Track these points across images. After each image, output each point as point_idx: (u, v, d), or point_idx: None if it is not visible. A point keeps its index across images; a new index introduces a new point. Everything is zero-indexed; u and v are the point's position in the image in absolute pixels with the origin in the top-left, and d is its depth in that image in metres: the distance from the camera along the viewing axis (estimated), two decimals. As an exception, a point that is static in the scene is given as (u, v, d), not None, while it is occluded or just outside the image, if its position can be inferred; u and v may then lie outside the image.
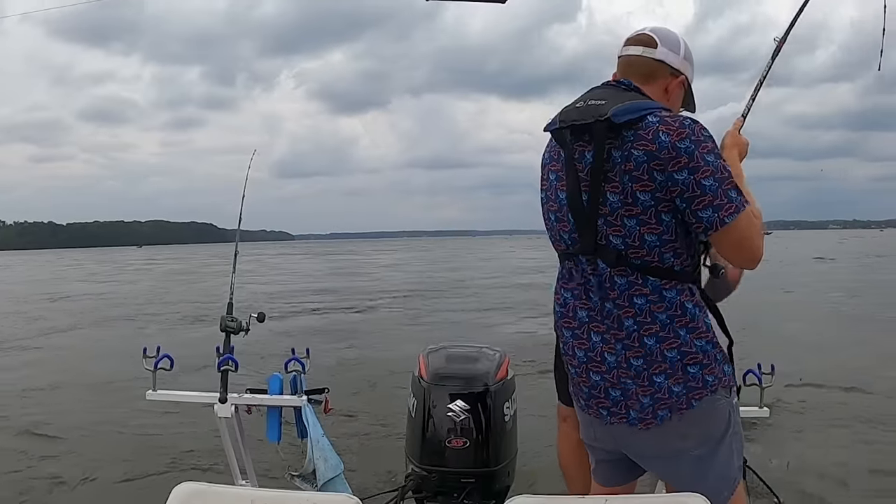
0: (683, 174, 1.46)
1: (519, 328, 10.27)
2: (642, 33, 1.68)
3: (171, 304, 15.08)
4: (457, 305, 13.96)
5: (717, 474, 1.63)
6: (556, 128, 1.62)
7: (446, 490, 2.40)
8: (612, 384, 1.60)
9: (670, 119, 1.49)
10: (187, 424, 4.85)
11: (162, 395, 2.74)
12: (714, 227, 1.48)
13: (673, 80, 1.67)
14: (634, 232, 1.51)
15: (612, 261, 1.55)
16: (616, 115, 1.49)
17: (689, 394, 1.54)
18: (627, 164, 1.49)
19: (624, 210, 1.51)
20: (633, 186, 1.49)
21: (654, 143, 1.47)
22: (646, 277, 1.53)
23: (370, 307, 14.09)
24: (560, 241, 1.67)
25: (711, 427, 1.60)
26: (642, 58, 1.66)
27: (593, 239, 1.56)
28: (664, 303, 1.53)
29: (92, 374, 7.69)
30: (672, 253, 1.53)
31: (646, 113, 1.50)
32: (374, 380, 6.69)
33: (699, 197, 1.46)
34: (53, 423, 5.46)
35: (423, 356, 2.57)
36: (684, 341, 1.53)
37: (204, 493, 1.40)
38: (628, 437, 1.64)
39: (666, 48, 1.66)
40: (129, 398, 5.93)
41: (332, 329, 10.93)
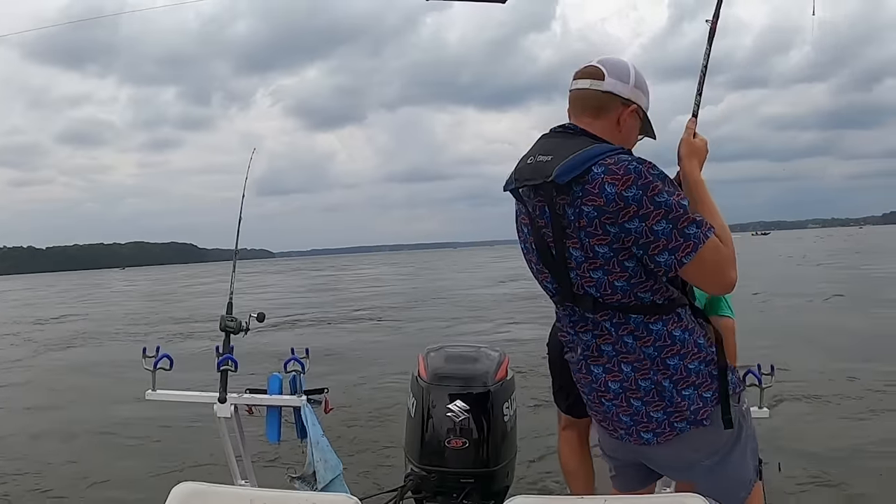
0: (635, 223, 1.45)
1: (515, 330, 10.32)
2: (590, 65, 1.64)
3: (165, 324, 15.03)
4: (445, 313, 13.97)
5: (732, 478, 1.66)
6: (513, 188, 1.63)
7: (446, 490, 2.39)
8: (623, 409, 1.62)
9: (615, 167, 1.46)
10: (187, 424, 4.85)
11: (161, 394, 2.74)
12: (672, 268, 1.47)
13: (625, 110, 1.61)
14: (603, 281, 1.53)
15: (591, 307, 1.57)
16: (560, 175, 1.47)
17: (697, 416, 1.56)
18: (581, 221, 1.49)
19: (588, 263, 1.52)
20: (589, 241, 1.50)
21: (602, 197, 1.45)
22: (628, 316, 1.55)
23: (359, 318, 14.01)
24: (547, 289, 1.69)
25: (719, 439, 1.61)
26: (590, 91, 1.61)
27: (570, 289, 1.58)
28: (651, 336, 1.55)
29: (91, 377, 7.71)
30: (648, 291, 1.53)
31: (591, 164, 1.47)
32: (373, 380, 6.70)
33: (653, 243, 1.45)
34: (53, 423, 5.47)
35: (423, 356, 2.57)
36: (676, 369, 1.55)
37: (203, 493, 1.40)
38: (645, 451, 1.66)
39: (614, 78, 1.61)
40: (128, 398, 5.94)
41: (327, 337, 10.92)
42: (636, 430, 1.62)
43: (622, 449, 1.74)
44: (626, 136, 1.63)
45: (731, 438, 1.63)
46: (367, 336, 11.03)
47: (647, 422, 1.59)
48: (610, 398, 1.63)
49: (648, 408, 1.58)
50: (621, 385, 1.60)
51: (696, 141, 1.72)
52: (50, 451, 4.68)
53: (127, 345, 10.43)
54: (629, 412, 1.61)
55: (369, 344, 9.92)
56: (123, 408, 5.76)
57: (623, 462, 1.80)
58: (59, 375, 7.99)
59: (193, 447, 4.50)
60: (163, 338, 11.12)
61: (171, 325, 13.57)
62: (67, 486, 3.97)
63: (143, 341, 8.18)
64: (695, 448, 1.60)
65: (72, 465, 4.38)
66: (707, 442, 1.60)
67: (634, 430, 1.62)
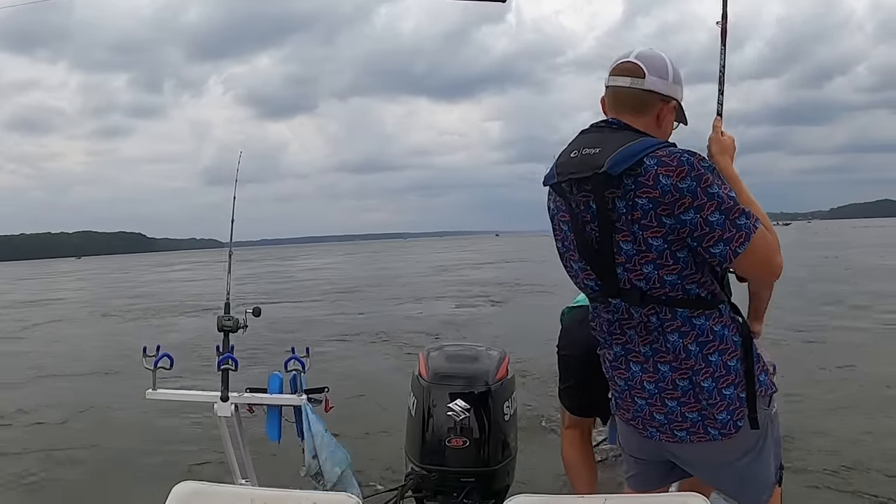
0: (690, 214, 1.46)
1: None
2: (628, 62, 1.62)
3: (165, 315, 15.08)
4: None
5: (758, 480, 1.67)
6: (556, 182, 1.61)
7: (446, 489, 2.40)
8: (657, 408, 1.63)
9: (668, 159, 1.47)
10: (187, 423, 4.85)
11: (162, 394, 2.74)
12: (728, 259, 1.49)
13: (664, 106, 1.63)
14: (653, 276, 1.53)
15: (638, 301, 1.57)
16: (612, 167, 1.48)
17: (733, 417, 1.57)
18: (634, 214, 1.49)
19: (639, 257, 1.52)
20: (643, 234, 1.50)
21: (657, 189, 1.46)
22: (674, 310, 1.55)
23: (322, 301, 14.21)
24: (586, 288, 1.69)
25: (749, 440, 1.62)
26: (631, 89, 1.61)
27: (616, 285, 1.58)
28: (695, 331, 1.55)
29: (91, 376, 7.70)
30: (696, 284, 1.55)
31: (643, 156, 1.48)
32: (373, 380, 6.71)
33: (708, 234, 1.47)
34: (52, 424, 5.47)
35: (424, 356, 2.57)
36: (716, 367, 1.56)
37: (204, 493, 1.40)
38: (673, 448, 1.67)
39: (654, 76, 1.60)
40: (128, 398, 5.94)
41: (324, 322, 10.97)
42: (670, 429, 1.62)
43: (649, 447, 1.74)
44: (664, 131, 1.65)
45: (761, 440, 1.64)
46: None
47: (681, 421, 1.60)
48: (645, 397, 1.64)
49: (684, 408, 1.59)
50: (657, 385, 1.61)
51: (725, 138, 1.75)
52: (50, 451, 4.67)
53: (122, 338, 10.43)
54: (663, 411, 1.62)
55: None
56: (123, 407, 5.76)
57: (646, 461, 1.80)
58: (57, 371, 7.97)
59: (194, 446, 4.50)
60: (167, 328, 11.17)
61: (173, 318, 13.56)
62: (68, 486, 3.97)
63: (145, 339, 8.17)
64: (727, 450, 1.61)
65: (72, 464, 4.38)
66: (739, 443, 1.61)
67: (668, 427, 1.62)
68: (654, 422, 1.65)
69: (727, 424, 1.57)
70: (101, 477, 4.09)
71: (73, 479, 4.07)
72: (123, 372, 7.08)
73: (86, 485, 3.97)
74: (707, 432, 1.58)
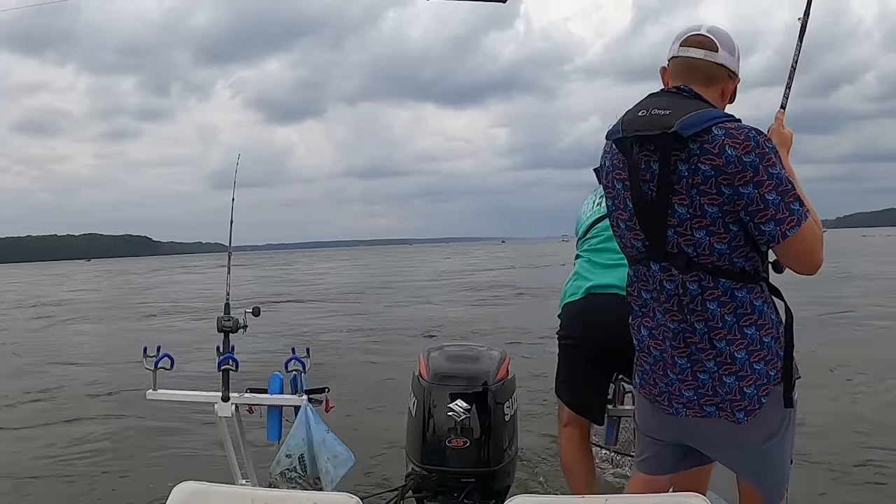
0: (749, 188, 1.48)
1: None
2: (700, 35, 1.64)
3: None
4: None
5: (778, 468, 1.68)
6: (620, 136, 1.62)
7: (446, 490, 2.39)
8: (688, 384, 1.63)
9: (736, 132, 1.50)
10: (187, 424, 4.85)
11: (162, 394, 2.74)
12: (776, 239, 1.51)
13: (730, 83, 1.68)
14: (704, 242, 1.54)
15: (683, 267, 1.58)
16: (683, 128, 1.49)
17: (759, 392, 1.58)
18: (695, 178, 1.51)
19: (693, 221, 1.54)
20: (700, 199, 1.51)
21: (721, 158, 1.48)
22: (717, 280, 1.57)
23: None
24: (631, 248, 1.70)
25: (774, 421, 1.64)
26: (704, 62, 1.63)
27: (664, 247, 1.59)
28: (734, 303, 1.57)
29: (92, 375, 7.70)
30: (743, 257, 1.56)
31: (712, 124, 1.50)
32: (373, 379, 6.71)
33: (762, 211, 1.49)
34: (52, 423, 5.47)
35: (424, 356, 2.57)
36: (751, 340, 1.57)
37: (204, 493, 1.40)
38: (697, 427, 1.68)
39: (726, 51, 1.64)
40: (128, 397, 5.95)
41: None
42: (699, 404, 1.63)
43: (669, 427, 1.74)
44: (725, 106, 1.68)
45: (784, 425, 1.65)
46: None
47: (711, 395, 1.61)
48: (676, 372, 1.64)
49: (715, 383, 1.59)
50: (689, 359, 1.62)
51: (785, 132, 1.78)
52: (51, 451, 4.67)
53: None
54: (693, 386, 1.62)
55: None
56: (123, 407, 5.76)
57: (663, 443, 1.80)
58: (69, 374, 7.97)
59: (194, 447, 4.50)
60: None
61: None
62: (68, 485, 3.97)
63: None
64: (751, 429, 1.62)
65: (72, 464, 4.38)
66: (763, 424, 1.62)
67: (697, 403, 1.63)
68: (683, 398, 1.65)
69: (753, 399, 1.58)
70: (102, 477, 4.08)
71: (72, 479, 4.06)
72: (126, 371, 7.09)
73: (86, 485, 3.97)
74: (734, 414, 1.59)
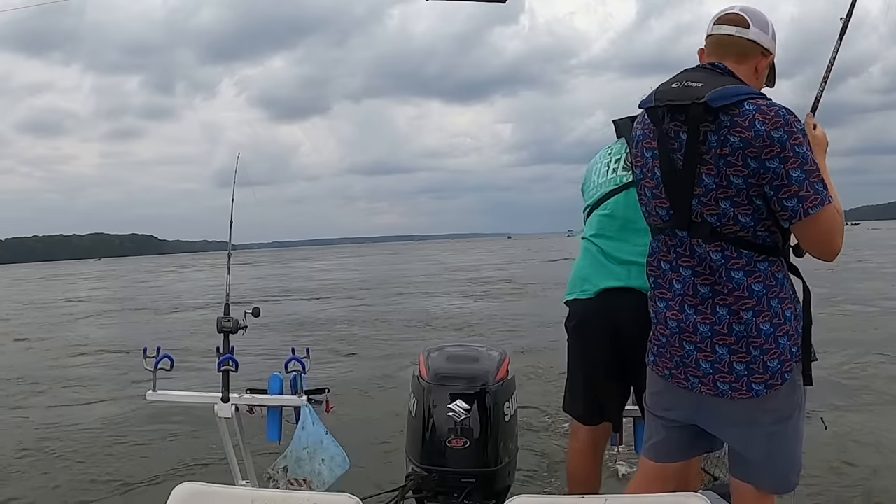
0: (775, 162, 1.51)
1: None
2: (733, 13, 1.69)
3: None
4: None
5: (788, 455, 1.67)
6: (652, 106, 1.66)
7: (446, 490, 2.39)
8: (706, 355, 1.64)
9: (766, 108, 1.53)
10: (187, 424, 4.85)
11: (162, 395, 2.74)
12: (798, 216, 1.53)
13: (763, 60, 1.70)
14: (729, 213, 1.57)
15: (707, 236, 1.60)
16: (713, 99, 1.53)
17: (782, 367, 1.59)
18: (723, 149, 1.54)
19: (719, 192, 1.56)
20: (727, 170, 1.54)
21: (751, 131, 1.51)
22: (740, 251, 1.59)
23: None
24: (655, 217, 1.72)
25: (790, 402, 1.64)
26: (736, 38, 1.67)
27: (688, 216, 1.61)
28: (759, 273, 1.59)
29: (92, 375, 7.70)
30: (766, 231, 1.59)
31: (742, 99, 1.54)
32: (374, 377, 6.71)
33: (786, 186, 1.51)
34: (52, 422, 5.47)
35: (424, 356, 2.57)
36: (776, 312, 1.59)
37: (204, 494, 1.40)
38: (710, 404, 1.67)
39: (758, 28, 1.68)
40: (129, 397, 5.95)
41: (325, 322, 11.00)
42: (713, 380, 1.63)
43: (683, 405, 1.73)
44: (759, 83, 1.71)
45: (796, 411, 1.65)
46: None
47: (727, 373, 1.61)
48: (696, 341, 1.64)
49: (733, 357, 1.60)
50: (711, 328, 1.62)
51: (817, 132, 1.78)
52: (51, 450, 4.67)
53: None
54: (711, 359, 1.62)
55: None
56: (124, 407, 5.76)
57: (673, 426, 1.79)
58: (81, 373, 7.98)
59: (194, 448, 4.50)
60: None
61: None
62: (68, 485, 3.96)
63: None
64: (764, 408, 1.62)
65: (72, 463, 4.38)
66: (778, 403, 1.62)
67: (712, 378, 1.63)
68: (699, 371, 1.65)
69: (776, 374, 1.58)
70: (101, 477, 4.08)
71: (73, 479, 4.06)
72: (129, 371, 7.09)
73: (85, 486, 3.97)
74: (750, 388, 1.59)
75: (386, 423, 4.70)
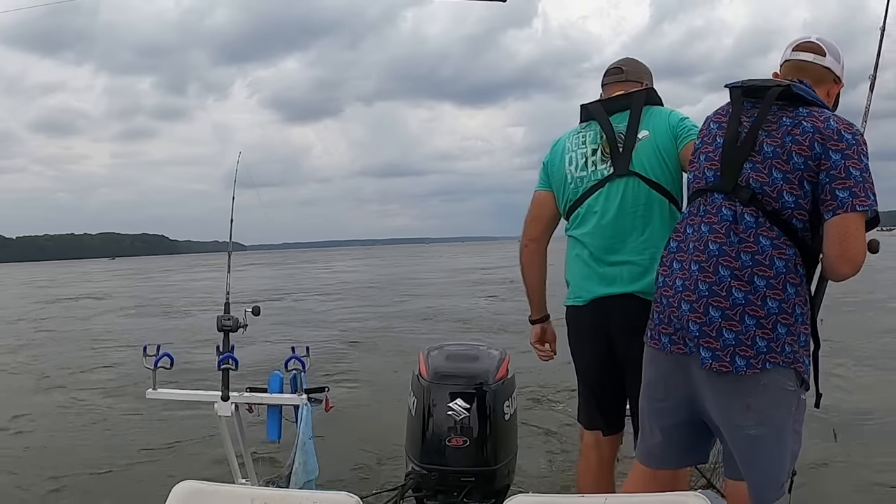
0: (838, 155, 1.58)
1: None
2: (810, 41, 1.81)
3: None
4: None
5: (765, 468, 1.65)
6: (736, 85, 1.76)
7: (446, 489, 2.39)
8: (697, 316, 1.64)
9: (842, 119, 1.65)
10: (187, 423, 4.85)
11: (162, 393, 2.74)
12: (846, 208, 1.56)
13: (835, 86, 1.82)
14: (777, 184, 1.61)
15: (746, 199, 1.64)
16: (796, 87, 1.66)
17: (768, 353, 1.59)
18: (795, 130, 1.61)
19: (775, 161, 1.62)
20: (792, 146, 1.61)
21: (825, 124, 1.62)
22: (772, 224, 1.62)
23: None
24: (701, 179, 1.76)
25: (772, 407, 1.63)
26: (814, 64, 1.78)
27: (734, 179, 1.66)
28: (785, 252, 1.61)
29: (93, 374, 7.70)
30: (801, 222, 1.62)
31: (820, 104, 1.68)
32: (374, 376, 6.71)
33: (843, 178, 1.57)
34: (52, 422, 5.47)
35: (424, 355, 2.57)
36: (787, 298, 1.60)
37: (204, 492, 1.40)
38: (700, 381, 1.66)
39: (832, 57, 1.80)
40: (128, 397, 5.95)
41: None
42: (698, 343, 1.63)
43: (677, 384, 1.72)
44: (830, 108, 1.77)
45: (783, 418, 1.64)
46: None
47: (713, 338, 1.61)
48: (692, 300, 1.65)
49: (724, 323, 1.61)
50: (710, 288, 1.64)
51: None
52: (52, 449, 4.67)
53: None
54: (701, 321, 1.63)
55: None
56: (124, 406, 5.76)
57: (669, 422, 1.78)
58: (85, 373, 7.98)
59: (194, 446, 4.50)
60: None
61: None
62: (68, 484, 3.96)
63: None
64: (747, 405, 1.62)
65: (72, 463, 4.37)
66: (762, 403, 1.61)
67: (697, 342, 1.63)
68: (688, 332, 1.65)
69: (760, 355, 1.59)
70: (101, 476, 4.08)
71: (73, 479, 4.06)
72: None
73: (85, 484, 3.97)
74: (734, 361, 1.59)
75: (386, 421, 4.70)
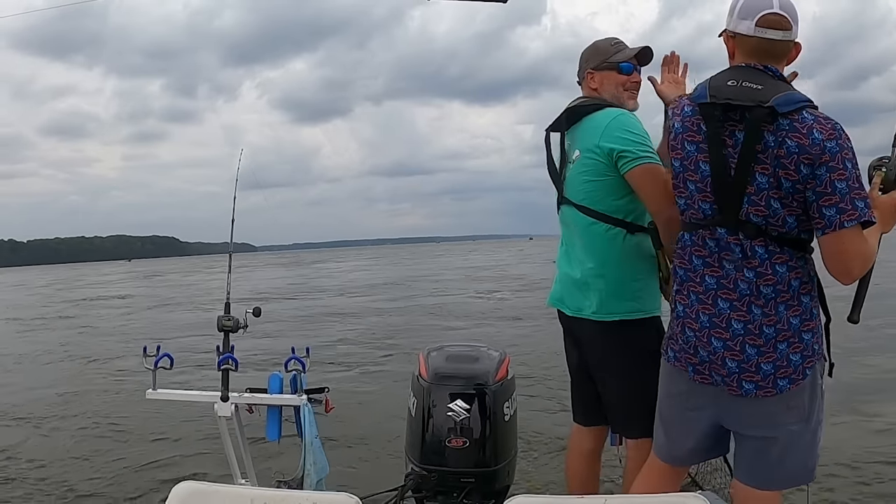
0: (823, 170, 1.54)
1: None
2: (775, 13, 1.62)
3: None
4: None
5: (799, 459, 1.69)
6: (707, 102, 1.65)
7: (446, 490, 2.39)
8: (734, 354, 1.65)
9: (824, 120, 1.57)
10: (187, 423, 4.85)
11: (162, 393, 2.73)
12: (833, 226, 1.54)
13: (795, 51, 1.71)
14: (779, 213, 1.60)
15: (753, 234, 1.62)
16: (780, 104, 1.55)
17: (804, 363, 1.62)
18: (780, 151, 1.56)
19: (771, 192, 1.58)
20: (780, 172, 1.57)
21: (808, 138, 1.54)
22: (783, 246, 1.62)
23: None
24: (698, 211, 1.72)
25: (810, 400, 1.66)
26: (782, 41, 1.65)
27: (735, 214, 1.63)
28: (799, 269, 1.63)
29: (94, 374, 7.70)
30: (808, 232, 1.62)
31: (802, 106, 1.57)
32: (373, 375, 6.71)
33: (829, 195, 1.53)
34: (52, 422, 5.48)
35: (424, 356, 2.57)
36: (805, 308, 1.63)
37: (204, 493, 1.40)
38: (733, 403, 1.68)
39: (796, 25, 1.67)
40: (128, 396, 5.95)
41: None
42: (738, 379, 1.64)
43: (705, 403, 1.73)
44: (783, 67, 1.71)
45: (816, 407, 1.66)
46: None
47: (753, 372, 1.63)
48: (726, 338, 1.65)
49: (761, 359, 1.62)
50: (745, 326, 1.64)
51: (885, 199, 1.75)
52: (52, 448, 4.68)
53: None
54: (739, 358, 1.64)
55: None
56: (124, 406, 5.76)
57: (698, 426, 1.79)
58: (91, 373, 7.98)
59: (194, 446, 4.50)
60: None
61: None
62: (68, 484, 3.96)
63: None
64: (789, 404, 1.64)
65: (72, 463, 4.38)
66: (803, 399, 1.64)
67: (737, 377, 1.64)
68: (725, 370, 1.66)
69: (798, 368, 1.61)
70: (101, 476, 4.08)
71: (73, 479, 4.06)
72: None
73: (85, 484, 3.97)
74: (776, 385, 1.61)
75: (386, 422, 4.70)
